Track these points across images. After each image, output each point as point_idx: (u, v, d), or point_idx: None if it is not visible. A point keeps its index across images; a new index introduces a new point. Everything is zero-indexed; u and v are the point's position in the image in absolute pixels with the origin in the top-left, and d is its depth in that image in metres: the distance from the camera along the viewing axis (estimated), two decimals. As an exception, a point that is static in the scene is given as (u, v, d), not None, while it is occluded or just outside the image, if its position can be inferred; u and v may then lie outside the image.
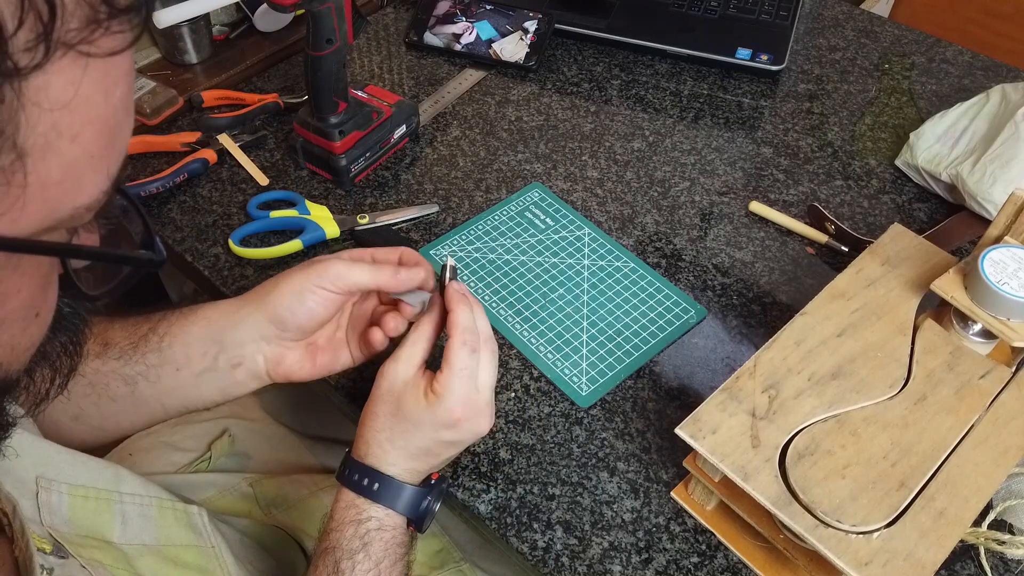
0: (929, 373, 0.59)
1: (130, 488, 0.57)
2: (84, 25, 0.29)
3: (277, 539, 0.76)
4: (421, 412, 0.57)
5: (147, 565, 0.54)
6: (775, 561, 0.60)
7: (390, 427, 0.58)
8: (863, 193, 0.88)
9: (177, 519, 0.59)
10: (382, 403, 0.58)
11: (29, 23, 0.27)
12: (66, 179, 0.30)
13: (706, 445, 0.54)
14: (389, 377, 0.58)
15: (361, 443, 0.58)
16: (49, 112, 0.28)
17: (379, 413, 0.58)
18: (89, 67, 0.29)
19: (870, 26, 1.11)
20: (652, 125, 0.96)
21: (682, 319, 0.76)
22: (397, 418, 0.57)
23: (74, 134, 0.30)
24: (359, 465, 0.57)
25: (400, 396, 0.57)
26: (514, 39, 1.03)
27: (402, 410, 0.57)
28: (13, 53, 0.27)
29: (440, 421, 0.56)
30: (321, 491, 0.80)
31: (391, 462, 0.58)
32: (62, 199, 0.31)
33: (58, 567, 0.46)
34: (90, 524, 0.53)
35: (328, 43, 0.76)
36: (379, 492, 0.56)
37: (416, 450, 0.58)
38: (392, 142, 0.90)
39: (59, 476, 0.52)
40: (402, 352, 0.59)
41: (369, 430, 0.58)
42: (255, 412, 0.88)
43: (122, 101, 0.32)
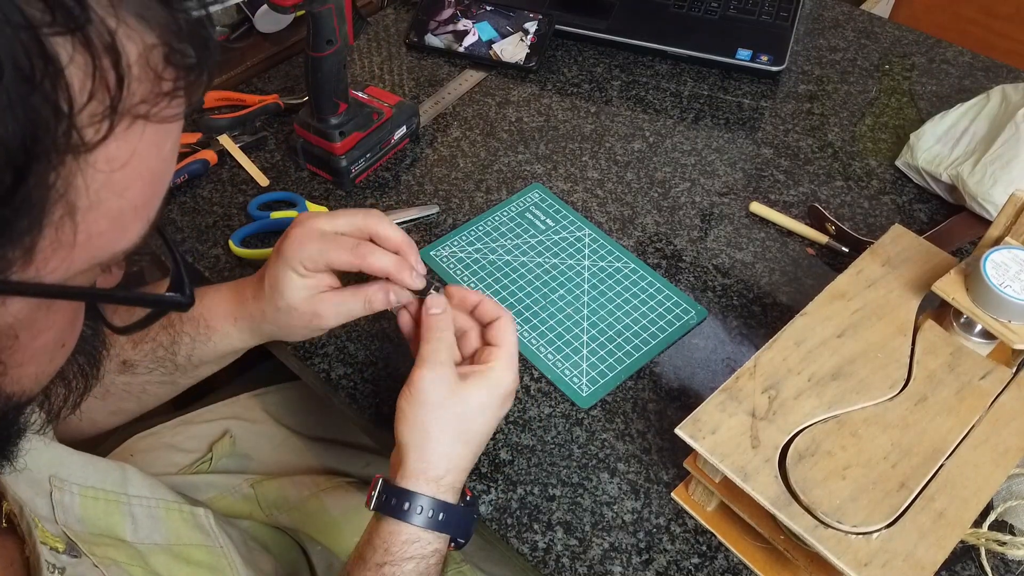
0: (929, 374, 0.59)
1: (136, 490, 0.57)
2: (148, 96, 0.29)
3: (278, 540, 0.76)
4: (489, 391, 0.57)
5: (161, 563, 0.54)
6: (775, 562, 0.60)
7: (463, 431, 0.56)
8: (863, 194, 0.89)
9: (184, 520, 0.60)
10: (448, 407, 0.55)
11: (98, 96, 0.27)
12: (111, 229, 0.31)
13: (706, 445, 0.54)
14: (444, 379, 0.56)
15: (426, 465, 0.55)
16: (104, 174, 0.29)
17: (447, 419, 0.55)
18: (147, 129, 0.30)
19: (870, 27, 1.11)
20: (652, 126, 0.96)
21: (682, 320, 0.76)
22: (467, 416, 0.56)
23: (124, 188, 0.30)
24: (428, 499, 0.54)
25: (463, 390, 0.56)
26: (514, 40, 1.03)
27: (468, 402, 0.56)
28: (80, 127, 0.27)
29: (505, 392, 0.58)
30: (322, 492, 0.80)
31: (455, 482, 0.56)
32: (104, 247, 0.31)
33: (70, 566, 0.46)
34: (102, 524, 0.53)
35: (328, 44, 0.76)
36: (445, 522, 0.55)
37: (478, 441, 0.57)
38: (392, 143, 0.90)
39: (70, 477, 0.53)
40: (441, 354, 0.57)
41: (436, 450, 0.55)
42: (256, 413, 0.88)
43: (171, 153, 0.33)
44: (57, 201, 0.28)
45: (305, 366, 0.73)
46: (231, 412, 0.87)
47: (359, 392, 0.71)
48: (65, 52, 0.26)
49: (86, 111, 0.27)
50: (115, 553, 0.51)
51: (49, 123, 0.26)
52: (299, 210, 0.83)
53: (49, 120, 0.26)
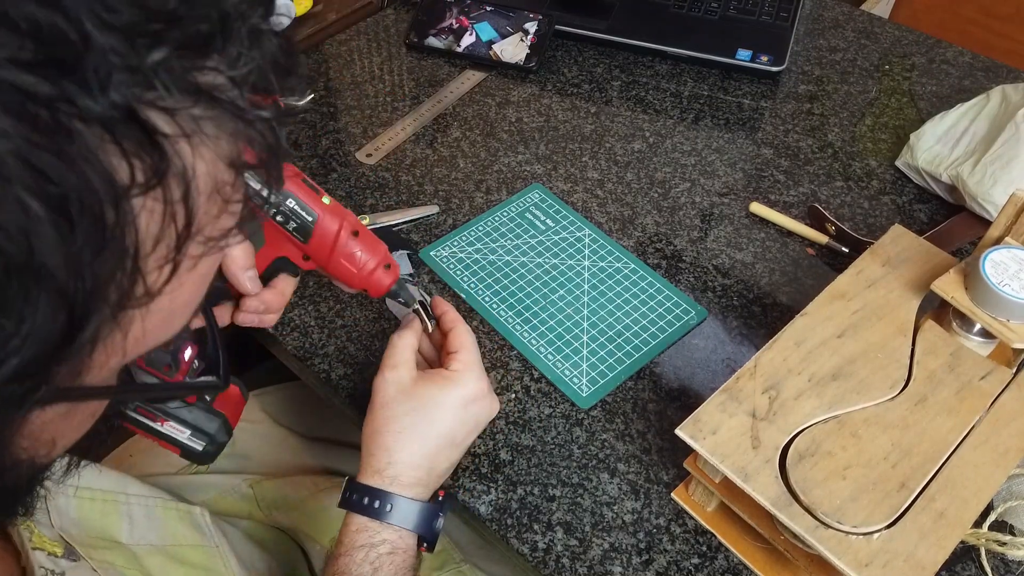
0: (929, 374, 0.58)
1: (134, 489, 0.58)
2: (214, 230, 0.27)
3: (277, 540, 0.76)
4: (444, 392, 0.58)
5: (156, 564, 0.55)
6: (776, 562, 0.60)
7: (409, 424, 0.57)
8: (863, 194, 0.88)
9: (181, 519, 0.60)
10: (395, 405, 0.58)
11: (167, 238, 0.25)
12: (161, 326, 0.29)
13: (706, 446, 0.54)
14: (394, 380, 0.58)
15: (371, 461, 0.57)
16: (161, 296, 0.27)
17: (394, 415, 0.57)
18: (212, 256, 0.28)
19: (870, 27, 1.11)
20: (652, 126, 0.96)
21: (682, 320, 0.76)
22: (417, 411, 0.57)
23: (177, 297, 0.29)
24: (366, 488, 0.56)
25: (415, 389, 0.58)
26: (514, 40, 1.03)
27: (421, 399, 0.58)
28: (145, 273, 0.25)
29: (466, 396, 0.59)
30: (321, 492, 0.80)
31: (403, 475, 0.57)
32: (149, 344, 0.30)
33: (69, 570, 0.46)
34: (99, 525, 0.53)
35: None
36: (391, 512, 0.56)
37: (435, 439, 0.58)
38: None
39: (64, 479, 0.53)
40: (396, 357, 0.59)
41: (379, 443, 0.57)
42: (255, 413, 0.88)
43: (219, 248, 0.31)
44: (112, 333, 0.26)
45: (305, 366, 0.73)
46: (231, 412, 0.87)
47: (359, 392, 0.71)
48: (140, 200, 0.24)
49: (152, 256, 0.25)
50: (112, 556, 0.51)
51: (116, 274, 0.24)
52: None
53: (116, 271, 0.24)
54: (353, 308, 0.76)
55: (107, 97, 0.22)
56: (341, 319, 0.75)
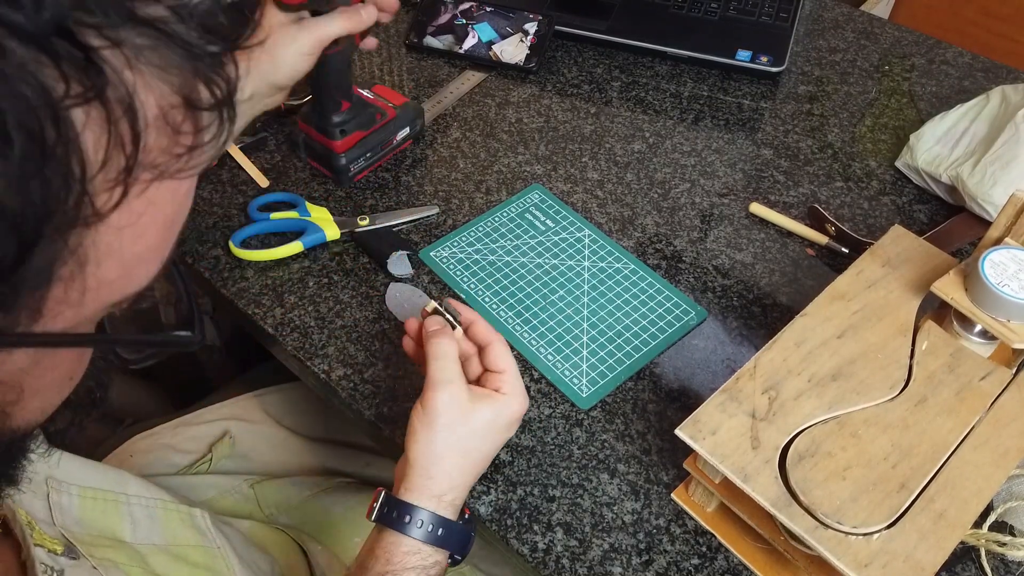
0: (929, 375, 0.58)
1: (135, 490, 0.58)
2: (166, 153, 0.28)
3: (277, 540, 0.76)
4: (498, 417, 0.57)
5: (160, 563, 0.55)
6: (776, 563, 0.60)
7: (471, 450, 0.57)
8: (863, 195, 0.89)
9: (182, 520, 0.60)
10: (457, 427, 0.56)
11: (113, 159, 0.25)
12: (124, 275, 0.30)
13: (706, 446, 0.54)
14: (455, 400, 0.56)
15: (430, 485, 0.56)
16: (117, 229, 0.28)
17: (457, 440, 0.56)
18: (163, 184, 0.28)
19: (870, 28, 1.11)
20: (652, 127, 0.96)
21: (682, 320, 0.76)
22: (475, 435, 0.57)
23: (137, 237, 0.29)
24: (419, 510, 0.55)
25: (473, 411, 0.57)
26: (514, 41, 1.03)
27: (478, 422, 0.57)
28: (93, 195, 0.25)
29: (513, 417, 0.58)
30: (322, 493, 0.80)
31: (458, 499, 0.57)
32: (115, 292, 0.30)
33: (69, 568, 0.46)
34: (101, 524, 0.53)
35: (334, 43, 0.77)
36: (444, 537, 0.55)
37: (482, 461, 0.58)
38: (394, 144, 0.90)
39: (68, 478, 0.53)
40: (450, 371, 0.57)
41: (442, 468, 0.56)
42: (256, 414, 0.88)
43: (187, 195, 0.31)
44: (66, 263, 0.26)
45: (305, 367, 0.73)
46: (231, 413, 0.87)
47: (359, 393, 0.71)
48: (80, 117, 0.24)
49: (100, 177, 0.25)
50: (114, 554, 0.51)
51: (60, 194, 0.24)
52: (299, 211, 0.83)
53: (60, 191, 0.24)
54: (353, 308, 0.76)
55: (40, 15, 0.23)
56: (341, 319, 0.75)
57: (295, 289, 0.78)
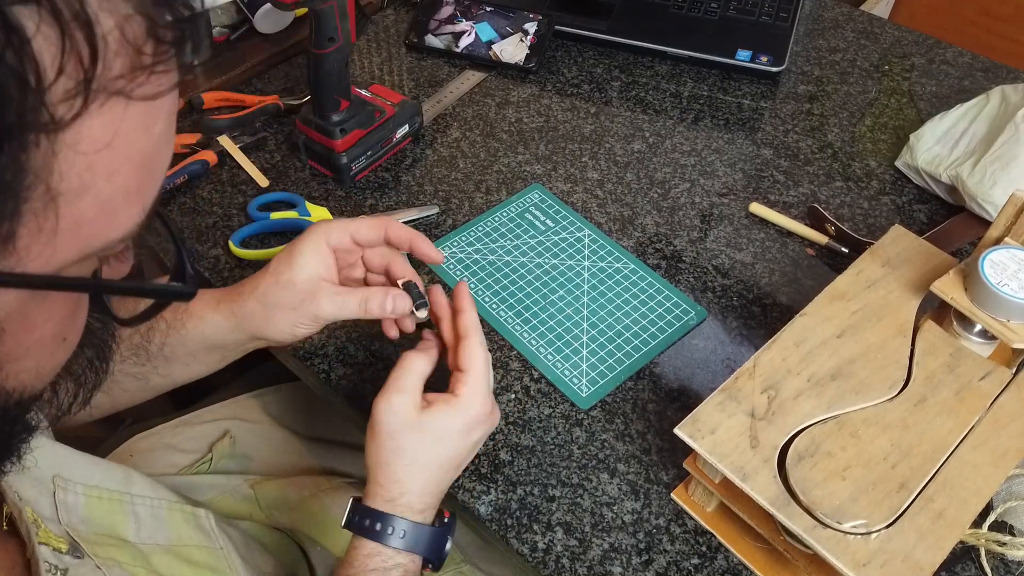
0: (929, 375, 0.59)
1: (140, 490, 0.57)
2: (128, 71, 0.27)
3: (277, 541, 0.76)
4: (450, 420, 0.57)
5: (163, 563, 0.55)
6: (775, 562, 0.60)
7: (419, 455, 0.57)
8: (863, 194, 0.89)
9: (186, 520, 0.60)
10: (402, 436, 0.57)
11: (70, 69, 0.25)
12: (101, 216, 0.29)
13: (705, 445, 0.54)
14: (400, 409, 0.57)
15: (381, 492, 0.57)
16: (85, 156, 0.27)
17: (402, 447, 0.57)
18: (130, 108, 0.28)
19: (870, 27, 1.11)
20: (652, 126, 0.96)
21: (682, 320, 0.76)
22: (424, 442, 0.57)
23: (111, 172, 0.29)
24: (378, 513, 0.56)
25: (422, 419, 0.57)
26: (514, 41, 1.03)
27: (428, 429, 0.57)
28: (50, 104, 0.25)
29: (472, 420, 0.58)
30: (322, 493, 0.80)
31: (415, 503, 0.57)
32: (96, 235, 0.30)
33: (73, 567, 0.46)
34: (106, 523, 0.53)
35: (330, 41, 0.77)
36: (404, 538, 0.56)
37: (443, 466, 0.58)
38: (394, 141, 0.90)
39: (74, 476, 0.53)
40: (404, 380, 0.58)
41: (388, 475, 0.57)
42: (256, 414, 0.88)
43: (163, 135, 0.31)
44: (34, 185, 0.26)
45: (305, 367, 0.73)
46: (231, 413, 0.87)
47: (359, 393, 0.71)
48: (31, 22, 0.24)
49: (57, 86, 0.25)
50: (118, 554, 0.51)
51: (15, 99, 0.24)
52: (299, 211, 0.83)
53: (14, 95, 0.24)
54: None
55: None
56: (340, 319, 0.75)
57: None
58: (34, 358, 0.33)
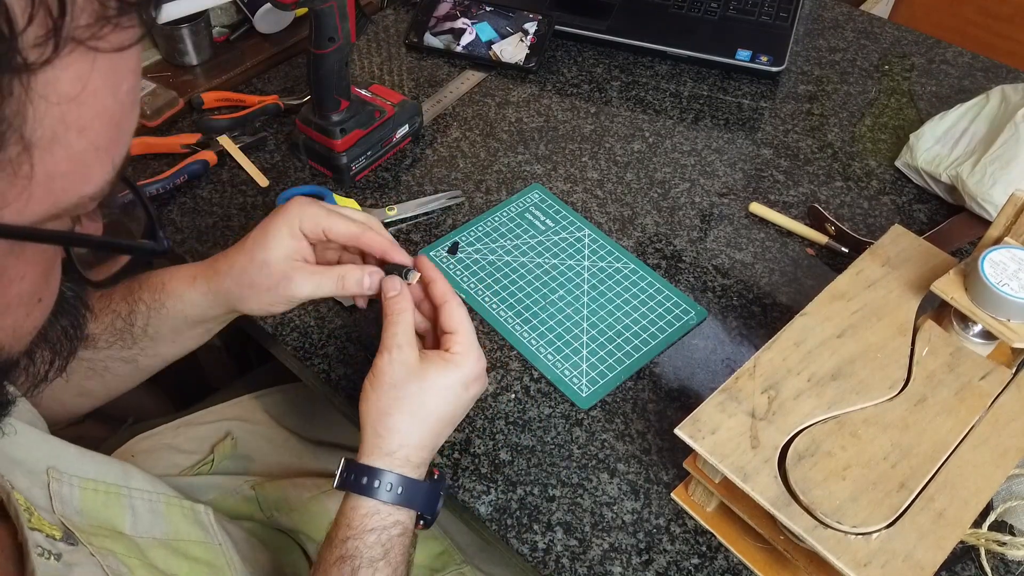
0: (929, 374, 0.59)
1: (138, 484, 0.58)
2: (93, 21, 0.29)
3: (278, 541, 0.76)
4: (448, 376, 0.58)
5: (159, 556, 0.54)
6: (775, 562, 0.60)
7: (419, 406, 0.57)
8: (863, 194, 0.89)
9: (185, 515, 0.60)
10: (405, 386, 0.57)
11: (39, 18, 0.27)
12: (73, 170, 0.31)
13: (705, 446, 0.54)
14: (402, 361, 0.57)
15: (379, 443, 0.57)
16: (57, 106, 0.29)
17: (404, 396, 0.57)
18: (98, 61, 0.29)
19: (870, 27, 1.11)
20: (652, 126, 0.96)
21: (682, 320, 0.76)
22: (425, 392, 0.57)
23: (82, 127, 0.30)
24: (376, 471, 0.56)
25: (421, 371, 0.57)
26: (514, 40, 1.03)
27: (427, 381, 0.57)
28: (23, 48, 0.27)
29: (468, 377, 0.59)
30: (323, 494, 0.80)
31: (412, 456, 0.57)
32: (68, 189, 0.31)
33: (66, 553, 0.46)
34: (102, 515, 0.53)
35: (330, 41, 0.77)
36: (402, 494, 0.56)
37: (441, 419, 0.58)
38: (394, 141, 0.90)
39: (69, 469, 0.53)
40: (401, 336, 0.58)
41: (388, 424, 0.57)
42: (257, 415, 0.88)
43: (129, 95, 0.32)
44: (8, 134, 0.28)
45: (305, 367, 0.73)
46: (232, 414, 0.87)
47: (359, 393, 0.70)
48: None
49: (28, 33, 0.27)
50: (112, 544, 0.51)
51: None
52: (328, 202, 0.83)
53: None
54: (353, 308, 0.76)
55: None
56: (341, 319, 0.76)
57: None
58: (11, 315, 0.34)
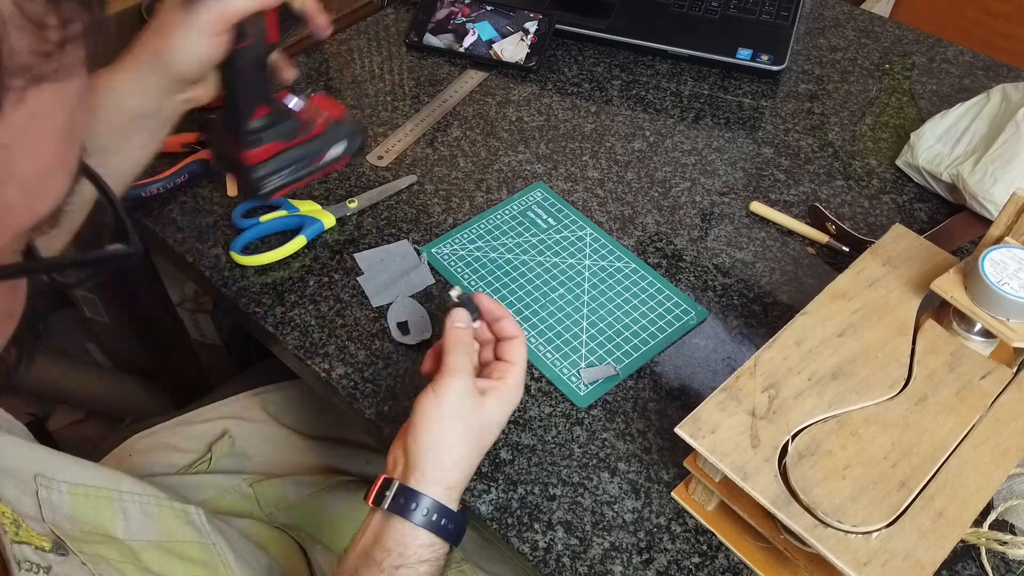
0: (930, 374, 0.58)
1: (129, 487, 0.57)
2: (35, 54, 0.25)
3: (277, 539, 0.76)
4: (503, 409, 0.58)
5: (153, 559, 0.54)
6: (776, 561, 0.60)
7: (480, 440, 0.57)
8: (864, 193, 0.88)
9: (176, 517, 0.59)
10: (471, 419, 0.56)
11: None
12: (27, 197, 0.28)
13: (706, 444, 0.54)
14: (468, 391, 0.56)
15: (445, 476, 0.55)
16: (6, 147, 0.26)
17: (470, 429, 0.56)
18: (44, 89, 0.26)
19: (871, 26, 1.11)
20: (653, 125, 0.96)
21: (683, 319, 0.76)
22: (485, 428, 0.57)
23: (32, 153, 0.27)
24: (445, 509, 0.55)
25: (483, 402, 0.57)
26: (515, 40, 1.03)
27: (487, 414, 0.57)
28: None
29: (511, 410, 0.59)
30: (322, 491, 0.80)
31: (461, 490, 0.57)
32: (23, 215, 0.28)
33: (56, 564, 0.46)
34: (93, 520, 0.53)
35: (241, 35, 0.66)
36: (449, 529, 0.55)
37: (483, 451, 0.58)
38: (324, 161, 0.78)
39: (58, 475, 0.53)
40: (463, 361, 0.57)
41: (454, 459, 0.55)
42: (255, 413, 0.88)
43: (79, 99, 0.29)
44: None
45: (305, 365, 0.73)
46: (230, 412, 0.87)
47: (359, 391, 0.71)
48: None
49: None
50: (105, 551, 0.51)
51: None
52: (286, 208, 0.82)
53: None
54: (353, 307, 0.76)
55: None
56: (341, 319, 0.76)
57: (295, 288, 0.78)
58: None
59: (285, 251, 0.79)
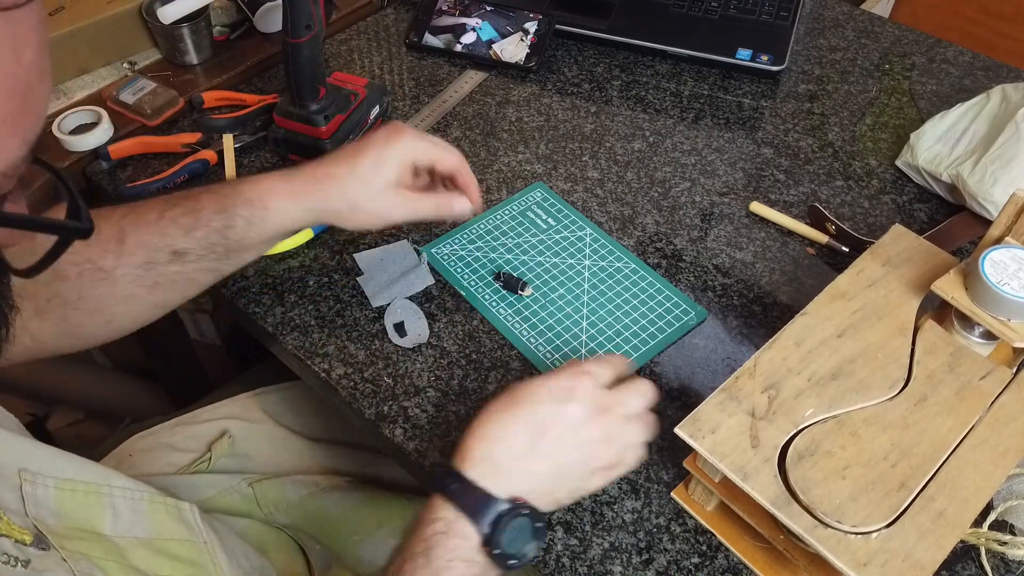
0: (930, 374, 0.58)
1: (121, 482, 0.56)
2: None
3: (277, 540, 0.76)
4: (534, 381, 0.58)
5: (140, 557, 0.54)
6: (775, 562, 0.60)
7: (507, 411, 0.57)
8: (864, 193, 0.88)
9: (169, 513, 0.59)
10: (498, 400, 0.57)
11: None
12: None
13: (705, 445, 0.54)
14: None
15: (466, 443, 0.55)
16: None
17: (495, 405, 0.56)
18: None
19: (870, 26, 1.11)
20: (652, 126, 0.96)
21: (682, 320, 0.76)
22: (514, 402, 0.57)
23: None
24: (449, 471, 0.54)
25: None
26: (514, 40, 1.03)
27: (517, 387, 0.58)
28: None
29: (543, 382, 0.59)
30: (321, 491, 0.80)
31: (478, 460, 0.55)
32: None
33: (36, 559, 0.45)
34: (80, 516, 0.52)
35: (307, 29, 0.77)
36: (457, 492, 0.53)
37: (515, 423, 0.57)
38: (369, 122, 0.92)
39: (43, 470, 0.51)
40: None
41: (479, 430, 0.55)
42: (255, 413, 0.88)
43: (34, 63, 0.31)
44: None
45: (305, 366, 0.73)
46: (230, 412, 0.87)
47: (359, 392, 0.70)
48: None
49: None
50: (88, 548, 0.50)
51: None
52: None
53: None
54: (353, 308, 0.76)
55: None
56: (341, 319, 0.75)
57: (295, 288, 0.78)
58: None
59: (292, 243, 0.79)
